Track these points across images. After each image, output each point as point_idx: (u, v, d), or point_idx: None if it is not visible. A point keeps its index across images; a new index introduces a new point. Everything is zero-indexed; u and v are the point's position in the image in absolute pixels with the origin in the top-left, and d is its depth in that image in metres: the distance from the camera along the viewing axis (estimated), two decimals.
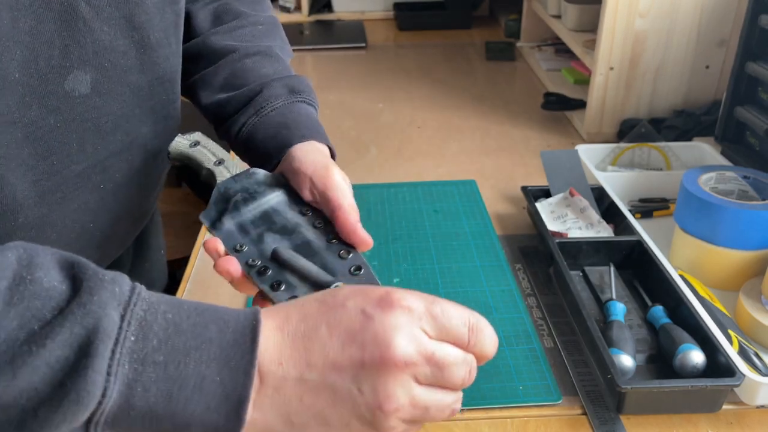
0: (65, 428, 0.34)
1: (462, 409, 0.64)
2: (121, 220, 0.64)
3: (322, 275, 0.50)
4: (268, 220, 0.55)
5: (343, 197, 0.53)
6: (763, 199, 0.80)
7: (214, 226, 0.54)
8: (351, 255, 0.52)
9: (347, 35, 1.81)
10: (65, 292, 0.34)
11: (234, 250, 0.52)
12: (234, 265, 0.50)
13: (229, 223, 0.54)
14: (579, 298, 0.71)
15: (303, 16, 1.95)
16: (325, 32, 1.86)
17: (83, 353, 0.33)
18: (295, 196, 0.57)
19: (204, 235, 0.93)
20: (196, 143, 0.61)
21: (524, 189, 0.92)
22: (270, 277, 0.50)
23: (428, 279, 0.82)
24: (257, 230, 0.54)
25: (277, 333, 0.38)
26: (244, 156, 0.66)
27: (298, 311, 0.39)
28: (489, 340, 0.42)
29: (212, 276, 0.84)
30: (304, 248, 0.53)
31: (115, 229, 0.64)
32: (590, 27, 1.31)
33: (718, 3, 1.08)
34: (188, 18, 0.70)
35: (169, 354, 0.35)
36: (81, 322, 0.33)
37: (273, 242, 0.53)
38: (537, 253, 0.87)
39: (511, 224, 0.94)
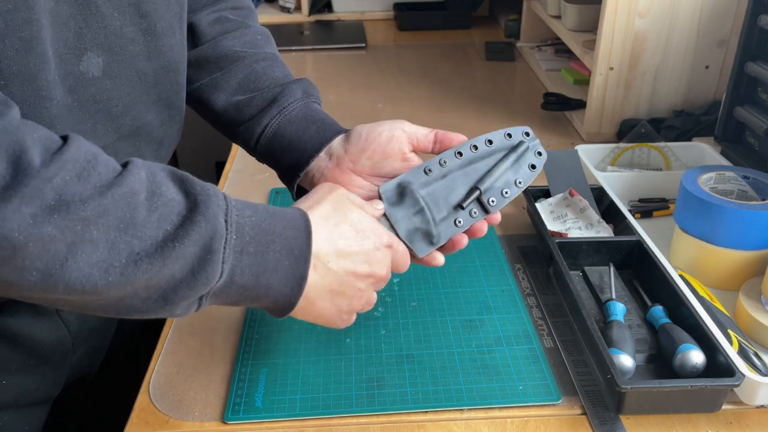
0: (191, 301, 0.47)
1: (462, 409, 0.64)
2: None
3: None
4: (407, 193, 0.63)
5: (429, 130, 0.66)
6: (763, 199, 0.80)
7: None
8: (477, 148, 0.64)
9: (347, 35, 1.81)
10: (183, 202, 0.46)
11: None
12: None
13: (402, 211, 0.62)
14: (579, 298, 0.71)
15: (303, 16, 1.95)
16: (325, 32, 1.86)
17: (207, 250, 0.45)
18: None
19: None
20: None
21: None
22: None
23: (428, 279, 0.82)
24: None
25: (325, 243, 0.54)
26: (266, 156, 0.71)
27: (340, 238, 0.55)
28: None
29: None
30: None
31: None
32: (590, 27, 1.31)
33: (717, 3, 1.08)
34: (192, 27, 0.74)
35: (257, 247, 0.49)
36: (205, 227, 0.45)
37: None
38: (537, 253, 0.87)
39: (511, 224, 0.94)
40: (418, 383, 0.67)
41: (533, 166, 0.65)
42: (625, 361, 0.65)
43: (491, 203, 0.62)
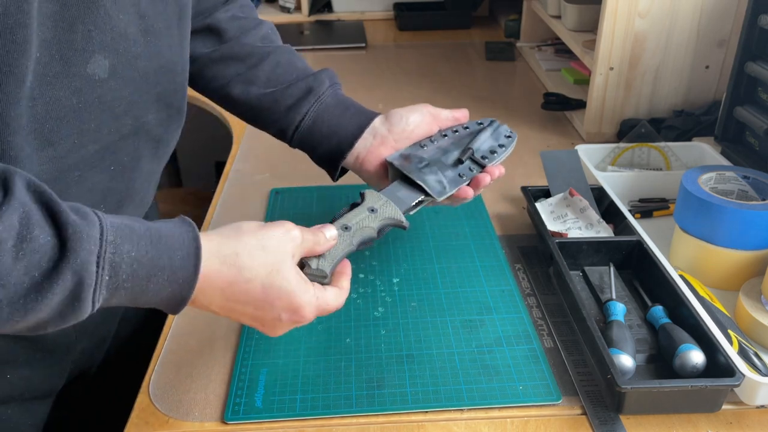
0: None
1: (462, 409, 0.64)
2: (127, 204, 0.67)
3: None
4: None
5: (449, 111, 0.80)
6: (763, 199, 0.80)
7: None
8: (484, 123, 0.81)
9: (347, 35, 1.81)
10: (56, 246, 0.45)
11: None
12: None
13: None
14: (579, 298, 0.71)
15: (303, 16, 1.95)
16: (325, 32, 1.86)
17: (75, 298, 0.46)
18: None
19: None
20: (372, 209, 0.67)
21: (524, 189, 0.92)
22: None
23: (428, 279, 0.82)
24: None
25: (217, 292, 0.54)
26: (303, 142, 0.78)
27: (244, 286, 0.54)
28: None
29: None
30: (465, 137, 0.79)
31: (121, 213, 0.66)
32: (590, 27, 1.31)
33: (717, 3, 1.08)
34: (212, 27, 0.79)
35: (134, 281, 0.49)
36: (71, 279, 0.45)
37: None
38: (537, 253, 0.87)
39: (511, 224, 0.94)
40: (418, 383, 0.67)
41: (509, 137, 0.80)
42: (625, 361, 0.65)
43: (484, 159, 0.76)
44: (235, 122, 1.28)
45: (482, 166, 0.75)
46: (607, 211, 0.89)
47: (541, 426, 0.63)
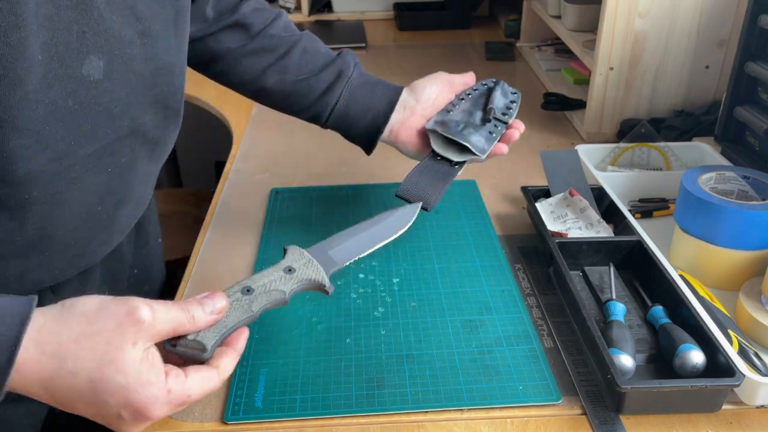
0: None
1: (462, 409, 0.64)
2: (124, 205, 0.67)
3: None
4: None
5: (461, 76, 0.87)
6: (763, 199, 0.80)
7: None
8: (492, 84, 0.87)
9: (347, 35, 1.81)
10: None
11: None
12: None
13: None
14: (579, 298, 0.71)
15: (303, 16, 1.95)
16: (325, 32, 1.86)
17: None
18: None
19: (204, 236, 0.93)
20: (290, 269, 0.59)
21: (524, 189, 0.92)
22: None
23: (428, 279, 0.82)
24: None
25: (37, 386, 0.46)
26: (337, 123, 0.83)
27: (68, 380, 0.46)
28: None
29: (212, 276, 0.84)
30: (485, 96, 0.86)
31: (119, 213, 0.67)
32: (590, 27, 1.31)
33: (717, 3, 1.08)
34: (239, 23, 0.81)
35: None
36: None
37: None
38: (537, 253, 0.87)
39: (511, 224, 0.94)
40: (418, 383, 0.67)
41: (514, 93, 0.87)
42: (625, 361, 0.65)
43: (504, 116, 0.82)
44: (235, 122, 1.28)
45: (505, 123, 0.81)
46: (607, 211, 0.89)
47: (541, 426, 0.63)
